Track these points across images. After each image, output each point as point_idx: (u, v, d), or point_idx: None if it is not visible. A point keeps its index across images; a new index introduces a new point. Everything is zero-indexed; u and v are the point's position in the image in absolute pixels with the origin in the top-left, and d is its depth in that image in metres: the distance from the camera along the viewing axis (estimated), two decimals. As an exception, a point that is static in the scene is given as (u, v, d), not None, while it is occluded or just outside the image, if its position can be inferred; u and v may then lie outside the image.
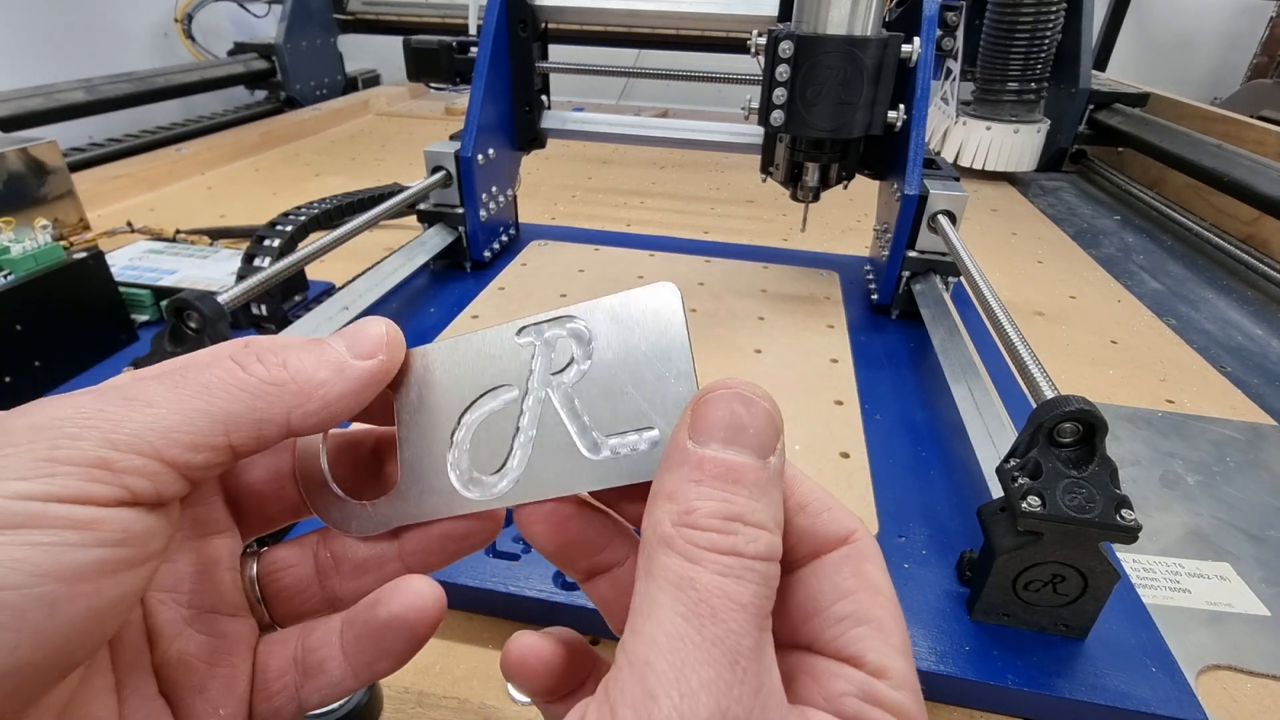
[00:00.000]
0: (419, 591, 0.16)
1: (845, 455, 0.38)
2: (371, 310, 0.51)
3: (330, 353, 0.16)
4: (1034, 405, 0.30)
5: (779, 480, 0.14)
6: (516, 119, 0.64)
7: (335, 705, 0.25)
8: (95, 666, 0.14)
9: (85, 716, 0.14)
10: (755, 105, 0.51)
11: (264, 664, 0.17)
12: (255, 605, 0.18)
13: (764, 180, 0.58)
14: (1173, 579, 0.36)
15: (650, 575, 0.13)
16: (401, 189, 0.60)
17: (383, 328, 0.17)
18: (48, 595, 0.12)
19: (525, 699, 0.29)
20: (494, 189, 0.62)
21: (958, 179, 0.54)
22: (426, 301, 0.58)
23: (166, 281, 0.55)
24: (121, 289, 0.50)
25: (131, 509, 0.13)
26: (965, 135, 0.99)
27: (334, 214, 0.62)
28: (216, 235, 0.68)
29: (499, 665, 0.18)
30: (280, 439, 0.15)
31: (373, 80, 1.47)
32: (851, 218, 0.84)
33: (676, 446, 0.14)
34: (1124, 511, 0.27)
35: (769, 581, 0.13)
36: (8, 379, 0.42)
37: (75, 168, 0.82)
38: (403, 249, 0.58)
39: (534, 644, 0.17)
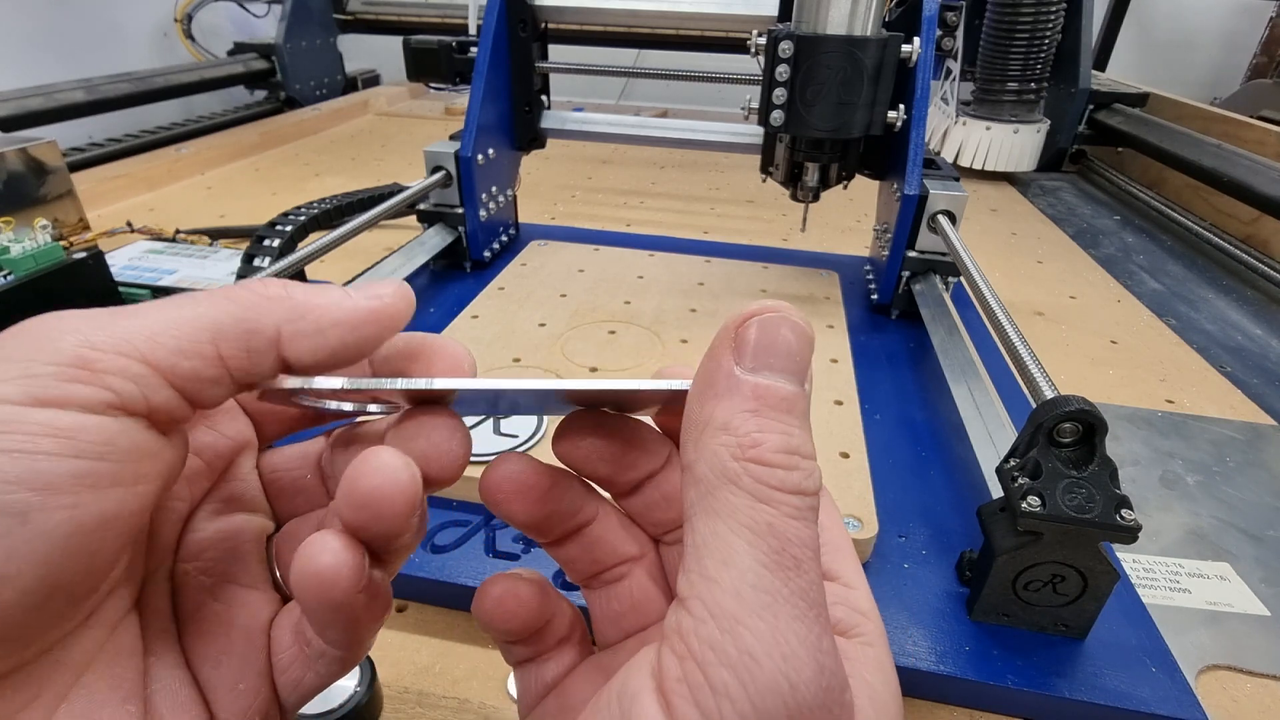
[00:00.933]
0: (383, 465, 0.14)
1: (845, 455, 0.38)
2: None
3: (332, 291, 0.15)
4: (1034, 405, 0.30)
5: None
6: (516, 119, 0.64)
7: (335, 705, 0.25)
8: (124, 627, 0.14)
9: (110, 679, 0.13)
10: (755, 105, 0.51)
11: (274, 636, 0.17)
12: (276, 580, 0.18)
13: (764, 180, 0.58)
14: (1172, 579, 0.36)
15: (716, 514, 0.12)
16: (401, 189, 0.60)
17: (392, 283, 0.16)
18: (19, 504, 0.11)
19: None
20: (494, 189, 0.62)
21: (958, 179, 0.54)
22: (426, 301, 0.58)
23: (166, 281, 0.55)
24: (121, 289, 0.50)
25: (116, 419, 0.12)
26: (965, 135, 0.99)
27: (334, 214, 0.62)
28: (216, 235, 0.68)
29: (472, 610, 0.18)
30: (271, 356, 0.14)
31: (372, 80, 1.47)
32: (851, 218, 0.84)
33: (723, 372, 0.13)
34: (1124, 511, 0.27)
35: (818, 517, 0.13)
36: (7, 379, 0.42)
37: (75, 168, 0.82)
38: (403, 249, 0.58)
39: (510, 585, 0.18)
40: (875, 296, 0.58)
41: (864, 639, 0.15)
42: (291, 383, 0.15)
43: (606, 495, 0.19)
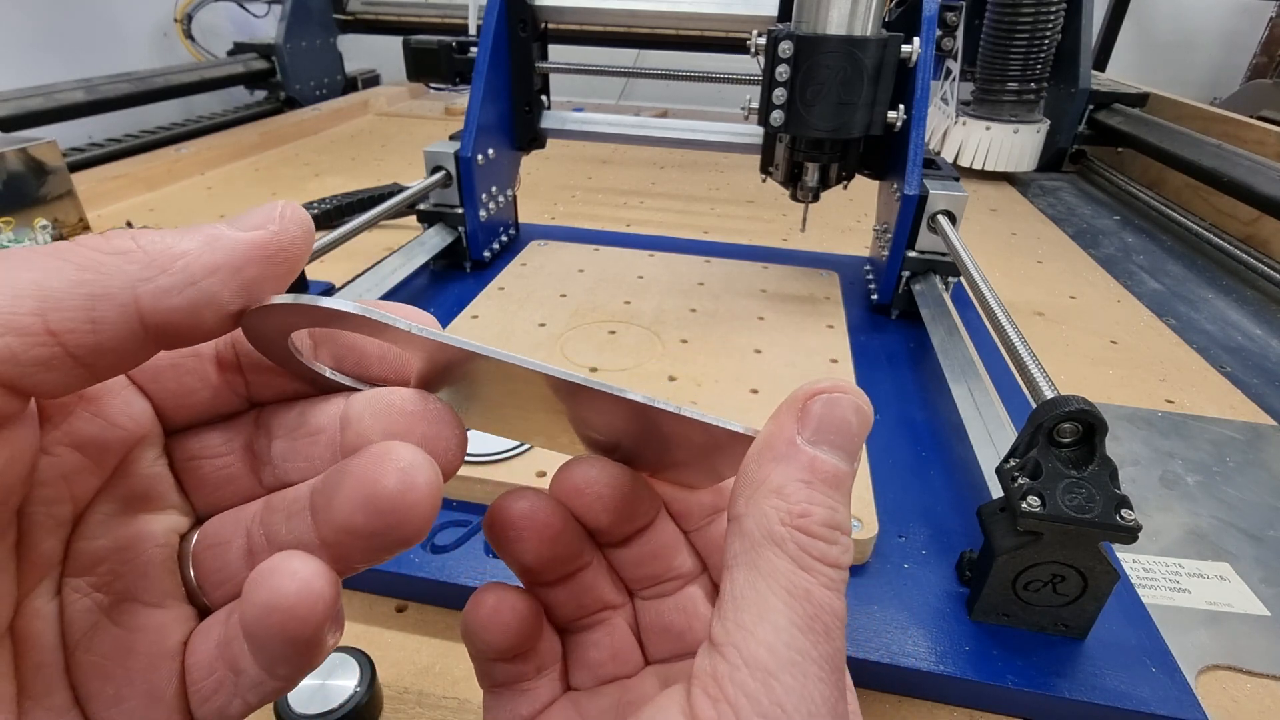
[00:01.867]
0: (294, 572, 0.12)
1: (845, 455, 0.38)
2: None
3: (202, 229, 0.12)
4: (1034, 405, 0.30)
5: None
6: (516, 119, 0.64)
7: (335, 705, 0.25)
8: None
9: None
10: (755, 105, 0.51)
11: (192, 661, 0.14)
12: (191, 589, 0.15)
13: (764, 180, 0.58)
14: (1172, 579, 0.36)
15: (758, 570, 0.13)
16: (401, 189, 0.60)
17: (278, 204, 0.13)
18: None
19: None
20: (494, 189, 0.62)
21: (958, 179, 0.54)
22: (426, 301, 0.58)
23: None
24: (121, 289, 0.50)
25: None
26: (965, 135, 0.99)
27: (334, 214, 0.62)
28: (216, 235, 0.68)
29: (464, 619, 0.17)
30: (129, 326, 0.11)
31: (372, 80, 1.47)
32: (851, 218, 0.84)
33: (785, 439, 0.14)
34: (1124, 511, 0.27)
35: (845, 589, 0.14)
36: (7, 379, 0.42)
37: (75, 168, 0.82)
38: (403, 249, 0.58)
39: (506, 596, 0.17)
40: (875, 296, 0.58)
41: None
42: (280, 299, 0.13)
43: None
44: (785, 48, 0.45)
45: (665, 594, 0.19)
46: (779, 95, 0.47)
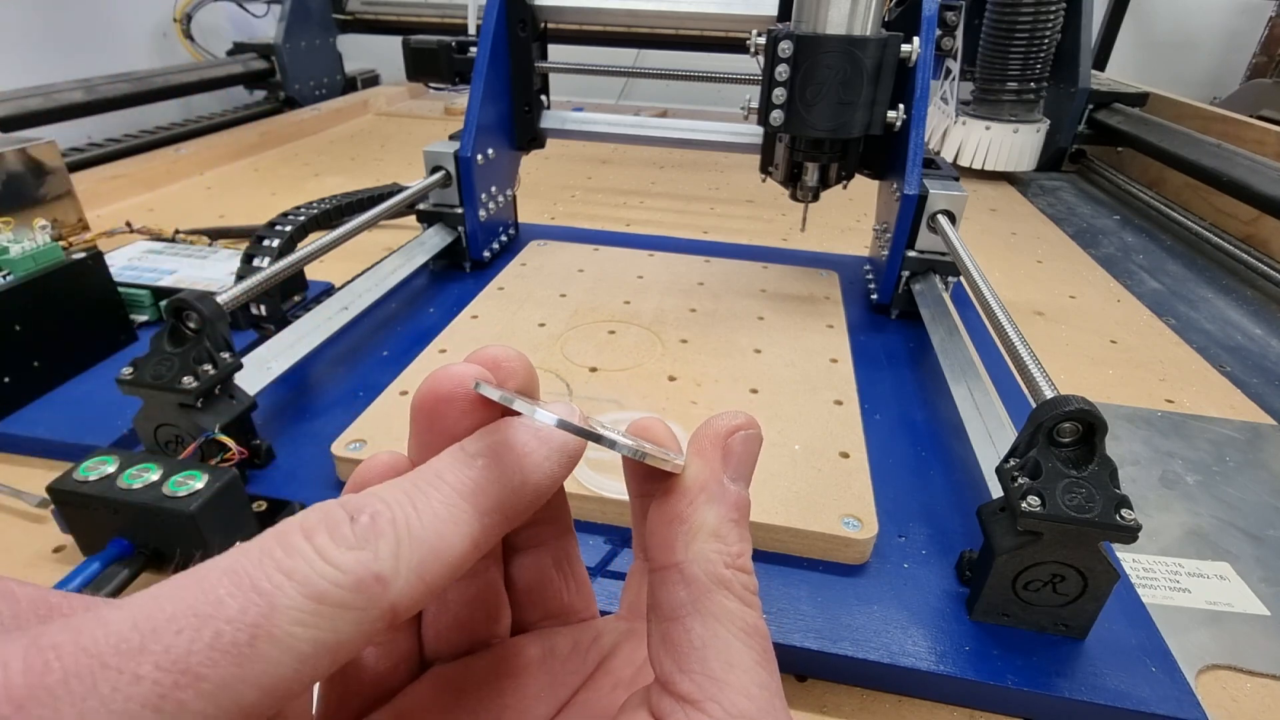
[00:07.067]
0: None
1: (845, 455, 0.38)
2: (371, 311, 0.51)
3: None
4: (1034, 405, 0.30)
5: None
6: (516, 119, 0.64)
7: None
8: None
9: None
10: (755, 105, 0.51)
11: None
12: None
13: (764, 180, 0.58)
14: (1172, 579, 0.36)
15: (715, 617, 0.13)
16: (401, 189, 0.60)
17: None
18: None
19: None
20: (493, 189, 0.62)
21: (957, 179, 0.54)
22: (426, 301, 0.58)
23: (166, 282, 0.55)
24: (120, 289, 0.50)
25: None
26: (965, 135, 0.99)
27: (333, 214, 0.62)
28: (215, 235, 0.68)
29: None
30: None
31: (372, 80, 1.47)
32: (851, 218, 0.84)
33: (716, 479, 0.14)
34: (1123, 511, 0.27)
35: None
36: (7, 379, 0.42)
37: (74, 168, 0.82)
38: (402, 249, 0.57)
39: None
40: (875, 296, 0.58)
41: None
42: (526, 409, 0.13)
43: None
44: (785, 47, 0.45)
45: (544, 541, 0.17)
46: (779, 95, 0.47)
